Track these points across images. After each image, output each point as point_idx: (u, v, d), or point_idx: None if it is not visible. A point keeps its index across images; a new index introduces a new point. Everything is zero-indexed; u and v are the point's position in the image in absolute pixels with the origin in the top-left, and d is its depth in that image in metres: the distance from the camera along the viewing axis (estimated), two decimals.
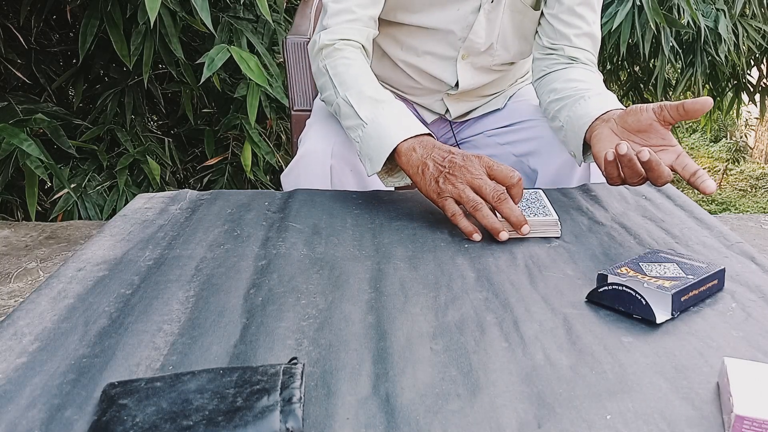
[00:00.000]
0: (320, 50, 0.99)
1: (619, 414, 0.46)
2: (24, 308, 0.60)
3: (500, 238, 0.75)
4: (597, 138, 0.87)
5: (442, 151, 0.82)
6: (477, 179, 0.78)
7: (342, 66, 0.95)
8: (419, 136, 0.84)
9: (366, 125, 0.87)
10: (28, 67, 2.27)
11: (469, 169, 0.78)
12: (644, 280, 0.61)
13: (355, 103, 0.90)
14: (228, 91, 2.37)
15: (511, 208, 0.76)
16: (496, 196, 0.76)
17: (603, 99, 0.93)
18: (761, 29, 3.16)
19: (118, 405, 0.44)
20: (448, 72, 1.14)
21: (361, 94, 0.90)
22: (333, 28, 1.00)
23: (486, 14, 1.07)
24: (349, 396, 0.47)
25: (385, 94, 0.91)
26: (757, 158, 8.62)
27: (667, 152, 0.80)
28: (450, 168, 0.79)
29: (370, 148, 0.87)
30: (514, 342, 0.55)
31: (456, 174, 0.79)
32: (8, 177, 1.95)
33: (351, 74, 0.94)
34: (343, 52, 0.97)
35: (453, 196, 0.78)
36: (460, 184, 0.78)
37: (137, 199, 0.92)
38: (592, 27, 1.07)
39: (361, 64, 0.96)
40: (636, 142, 0.83)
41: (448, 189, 0.79)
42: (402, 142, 0.84)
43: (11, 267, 1.64)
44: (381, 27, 1.13)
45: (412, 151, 0.83)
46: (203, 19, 1.75)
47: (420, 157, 0.82)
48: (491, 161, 0.79)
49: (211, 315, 0.59)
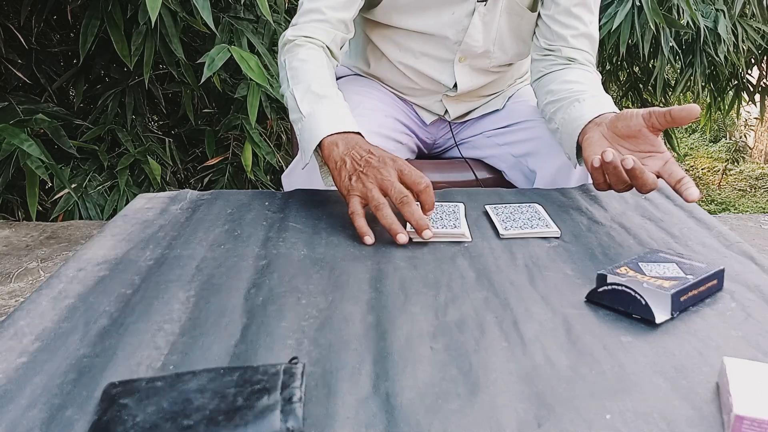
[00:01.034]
0: (284, 45, 1.01)
1: (618, 414, 0.46)
2: (24, 308, 0.60)
3: (397, 240, 0.76)
4: (588, 142, 0.87)
5: (362, 150, 0.83)
6: (386, 181, 0.79)
7: (297, 61, 0.97)
8: (346, 132, 0.85)
9: (304, 119, 0.89)
10: (29, 67, 2.27)
11: (381, 171, 0.79)
12: (644, 280, 0.61)
13: (299, 97, 0.91)
14: (228, 92, 2.37)
15: (412, 212, 0.76)
16: (399, 199, 0.77)
17: (597, 102, 0.93)
18: (761, 29, 3.16)
19: (118, 405, 0.44)
20: (446, 74, 1.14)
21: (307, 89, 0.92)
22: (300, 26, 1.02)
23: (481, 17, 1.07)
24: (349, 395, 0.48)
25: (331, 90, 0.92)
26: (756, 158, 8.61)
27: (655, 158, 0.80)
28: (364, 167, 0.80)
29: (305, 141, 0.88)
30: (513, 342, 0.55)
31: (368, 174, 0.80)
32: (9, 177, 1.95)
33: (304, 69, 0.95)
34: (303, 48, 0.99)
35: (360, 194, 0.80)
36: (370, 184, 0.79)
37: (138, 199, 0.92)
38: (590, 27, 1.07)
39: (317, 61, 0.97)
40: (625, 147, 0.83)
41: (357, 187, 0.80)
42: (327, 136, 0.85)
43: (12, 267, 1.64)
44: (378, 29, 1.13)
45: (334, 146, 0.84)
46: (204, 19, 1.75)
47: (341, 153, 0.83)
48: (405, 166, 0.80)
49: (211, 315, 0.59)
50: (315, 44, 1.00)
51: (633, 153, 0.82)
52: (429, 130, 1.27)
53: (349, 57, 1.29)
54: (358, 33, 1.21)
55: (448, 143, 1.30)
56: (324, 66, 0.97)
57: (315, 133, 0.86)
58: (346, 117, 0.88)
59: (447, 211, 0.84)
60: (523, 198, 0.92)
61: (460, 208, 0.85)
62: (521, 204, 0.87)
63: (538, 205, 0.87)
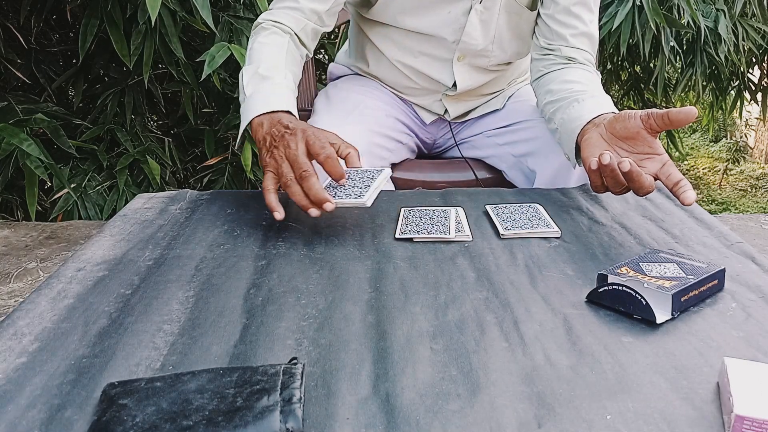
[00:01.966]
0: (254, 27, 1.02)
1: (619, 414, 0.46)
2: (24, 308, 0.60)
3: (310, 213, 0.76)
4: (586, 143, 0.87)
5: (281, 126, 0.82)
6: (292, 154, 0.78)
7: (257, 44, 0.98)
8: (275, 112, 0.85)
9: (246, 98, 0.89)
10: (28, 67, 2.27)
11: (289, 143, 0.79)
12: (644, 280, 0.61)
13: (246, 78, 0.92)
14: (228, 91, 2.37)
15: (310, 187, 0.76)
16: (299, 173, 0.77)
17: (597, 102, 0.92)
18: (761, 29, 3.16)
19: (118, 405, 0.44)
20: (445, 73, 1.14)
21: (254, 72, 0.92)
22: (272, 11, 1.03)
23: (478, 15, 1.07)
24: (349, 396, 0.47)
25: (277, 72, 0.92)
26: (757, 158, 8.61)
27: (653, 161, 0.80)
28: (278, 142, 0.81)
29: (241, 121, 0.89)
30: (514, 342, 0.55)
31: (279, 147, 0.80)
32: (8, 177, 1.95)
33: (260, 52, 0.96)
34: (267, 31, 0.99)
35: (273, 170, 0.80)
36: (280, 158, 0.79)
37: (137, 199, 0.92)
38: (589, 27, 1.07)
39: (274, 45, 0.98)
40: (623, 149, 0.82)
41: (270, 163, 0.80)
42: (256, 116, 0.85)
43: (11, 267, 1.64)
44: (377, 29, 1.13)
45: (259, 126, 0.85)
46: (204, 18, 1.74)
47: (264, 131, 0.84)
48: (312, 136, 0.79)
49: (211, 315, 0.59)
50: (281, 29, 1.01)
51: (631, 155, 0.81)
52: (429, 130, 1.27)
53: (349, 56, 1.29)
54: (358, 32, 1.21)
55: (448, 143, 1.30)
56: (282, 50, 0.98)
57: (247, 114, 0.87)
58: (280, 96, 0.88)
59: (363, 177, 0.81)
60: (524, 198, 0.92)
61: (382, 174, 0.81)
62: (521, 204, 0.87)
63: (538, 205, 0.87)
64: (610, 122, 0.84)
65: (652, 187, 0.75)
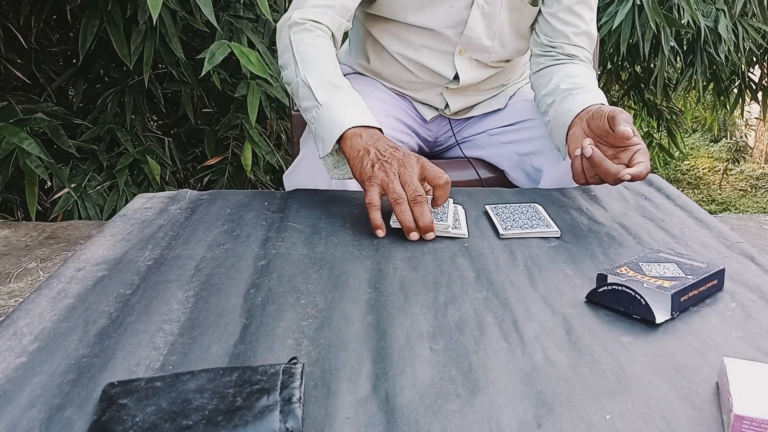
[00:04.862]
0: (290, 27, 0.99)
1: (618, 414, 0.46)
2: (24, 308, 0.60)
3: (410, 237, 0.77)
4: (571, 137, 0.91)
5: (387, 144, 0.83)
6: (407, 174, 0.79)
7: (307, 46, 0.96)
8: (369, 127, 0.86)
9: (320, 107, 0.89)
10: (28, 66, 2.27)
11: (405, 164, 0.80)
12: (644, 280, 0.61)
13: (313, 84, 0.91)
14: (228, 91, 2.36)
15: (422, 212, 0.77)
16: (413, 196, 0.78)
17: (588, 95, 0.95)
18: (761, 29, 3.16)
19: (117, 405, 0.44)
20: (447, 65, 1.14)
21: (322, 78, 0.91)
22: (306, 10, 1.00)
23: (480, 10, 1.07)
24: (348, 396, 0.47)
25: (345, 82, 0.93)
26: (757, 158, 8.61)
27: (627, 151, 0.84)
28: (389, 158, 0.81)
29: (323, 130, 0.88)
30: (513, 342, 0.55)
31: (392, 164, 0.80)
32: (8, 176, 1.95)
33: (315, 56, 0.95)
34: (312, 33, 0.98)
35: (381, 184, 0.80)
36: (392, 174, 0.79)
37: (137, 199, 0.92)
38: (590, 26, 1.10)
39: (327, 49, 0.97)
40: (602, 143, 0.86)
41: (379, 176, 0.80)
42: (352, 127, 0.85)
43: (11, 267, 1.64)
44: (378, 23, 1.13)
45: (357, 136, 0.84)
46: (206, 15, 1.74)
47: (364, 143, 0.83)
48: (429, 163, 0.81)
49: (210, 315, 0.59)
50: (323, 30, 0.99)
51: (610, 148, 0.85)
52: (430, 128, 1.27)
53: (349, 55, 1.29)
54: (359, 28, 1.21)
55: (449, 141, 1.30)
56: (334, 56, 0.97)
57: (336, 123, 0.86)
58: (366, 111, 0.89)
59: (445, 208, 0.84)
60: (524, 198, 0.92)
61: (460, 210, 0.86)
62: (521, 204, 0.87)
63: (538, 205, 0.87)
64: (587, 120, 0.89)
65: (617, 173, 0.79)
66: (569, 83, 1.01)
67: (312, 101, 0.90)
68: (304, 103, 0.92)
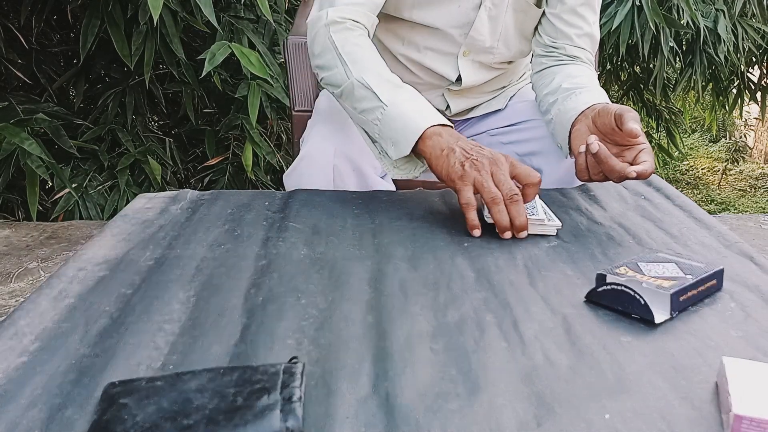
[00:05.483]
0: (328, 26, 0.95)
1: (618, 413, 0.46)
2: (25, 308, 0.60)
3: (504, 236, 0.78)
4: (575, 135, 0.91)
5: (469, 142, 0.84)
6: (500, 173, 0.79)
7: (354, 46, 0.93)
8: (444, 125, 0.86)
9: (386, 107, 0.87)
10: (29, 67, 2.27)
11: (497, 162, 0.80)
12: (643, 280, 0.61)
13: (374, 84, 0.88)
14: (229, 92, 2.37)
15: (519, 211, 0.77)
16: (509, 195, 0.78)
17: (592, 94, 0.96)
18: (760, 29, 3.16)
19: (118, 404, 0.44)
20: (450, 67, 1.14)
21: (380, 77, 0.90)
22: (340, 8, 0.97)
23: (487, 12, 1.08)
24: (348, 395, 0.48)
25: (400, 81, 0.92)
26: (756, 158, 8.61)
27: (632, 150, 0.84)
28: (478, 156, 0.81)
29: (394, 131, 0.86)
30: (513, 342, 0.55)
31: (483, 162, 0.80)
32: (9, 176, 1.95)
33: (365, 56, 0.93)
34: (354, 32, 0.95)
35: (475, 183, 0.79)
36: (485, 173, 0.79)
37: (138, 199, 0.92)
38: (593, 27, 1.10)
39: (374, 49, 0.96)
40: (608, 141, 0.87)
41: (471, 174, 0.79)
42: (431, 126, 0.84)
43: (12, 267, 1.64)
44: (383, 23, 1.13)
45: (437, 135, 0.84)
46: (207, 15, 1.75)
47: (447, 141, 0.83)
48: (517, 161, 0.82)
49: (211, 315, 0.59)
50: (362, 29, 0.97)
51: (615, 146, 0.86)
52: None
53: None
54: None
55: None
56: (379, 55, 0.95)
57: (411, 122, 0.85)
58: (432, 108, 0.88)
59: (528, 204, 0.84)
60: None
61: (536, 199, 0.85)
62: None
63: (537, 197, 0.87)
64: (593, 118, 0.89)
65: (623, 170, 0.79)
66: (571, 83, 1.01)
67: (374, 102, 0.88)
68: (363, 105, 0.89)
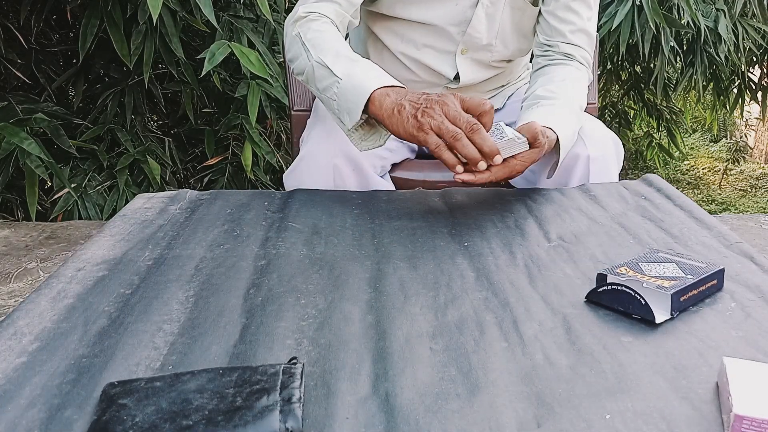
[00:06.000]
0: (295, 22, 0.99)
1: (618, 413, 0.46)
2: (24, 308, 0.60)
3: (478, 168, 0.79)
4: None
5: (415, 93, 0.83)
6: (453, 111, 0.79)
7: (314, 32, 0.96)
8: (393, 86, 0.86)
9: (341, 80, 0.88)
10: (28, 66, 2.27)
11: (446, 102, 0.80)
12: (643, 280, 0.61)
13: (329, 62, 0.90)
14: (228, 91, 2.37)
15: (484, 138, 0.78)
16: (469, 127, 0.78)
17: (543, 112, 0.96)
18: (761, 29, 3.16)
19: (117, 405, 0.44)
20: (447, 65, 1.14)
21: (337, 54, 0.91)
22: (310, 5, 1.00)
23: (485, 9, 1.08)
24: (348, 396, 0.47)
25: (359, 56, 0.92)
26: (757, 158, 8.62)
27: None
28: (427, 103, 0.81)
29: (348, 101, 0.87)
30: (513, 342, 0.55)
31: (434, 107, 0.80)
32: (8, 176, 1.95)
33: (325, 39, 0.95)
34: (317, 21, 0.98)
35: (433, 128, 0.79)
36: (439, 117, 0.79)
37: (137, 199, 0.92)
38: (587, 23, 1.09)
39: (334, 32, 0.97)
40: None
41: (428, 122, 0.80)
42: (378, 89, 0.84)
43: (11, 267, 1.64)
44: (381, 21, 1.13)
45: (385, 96, 0.84)
46: (206, 15, 1.74)
47: (394, 100, 0.83)
48: (464, 96, 0.82)
49: (210, 315, 0.59)
50: (327, 20, 0.99)
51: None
52: None
53: None
54: (360, 26, 1.21)
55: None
56: (342, 37, 0.97)
57: (361, 89, 0.85)
58: (386, 74, 0.88)
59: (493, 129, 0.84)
60: (524, 198, 0.92)
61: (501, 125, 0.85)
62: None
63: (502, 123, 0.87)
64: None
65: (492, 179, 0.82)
66: (545, 90, 1.01)
67: (331, 78, 0.89)
68: (322, 83, 0.91)
